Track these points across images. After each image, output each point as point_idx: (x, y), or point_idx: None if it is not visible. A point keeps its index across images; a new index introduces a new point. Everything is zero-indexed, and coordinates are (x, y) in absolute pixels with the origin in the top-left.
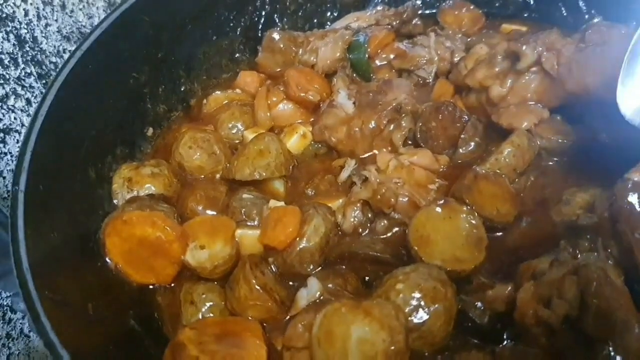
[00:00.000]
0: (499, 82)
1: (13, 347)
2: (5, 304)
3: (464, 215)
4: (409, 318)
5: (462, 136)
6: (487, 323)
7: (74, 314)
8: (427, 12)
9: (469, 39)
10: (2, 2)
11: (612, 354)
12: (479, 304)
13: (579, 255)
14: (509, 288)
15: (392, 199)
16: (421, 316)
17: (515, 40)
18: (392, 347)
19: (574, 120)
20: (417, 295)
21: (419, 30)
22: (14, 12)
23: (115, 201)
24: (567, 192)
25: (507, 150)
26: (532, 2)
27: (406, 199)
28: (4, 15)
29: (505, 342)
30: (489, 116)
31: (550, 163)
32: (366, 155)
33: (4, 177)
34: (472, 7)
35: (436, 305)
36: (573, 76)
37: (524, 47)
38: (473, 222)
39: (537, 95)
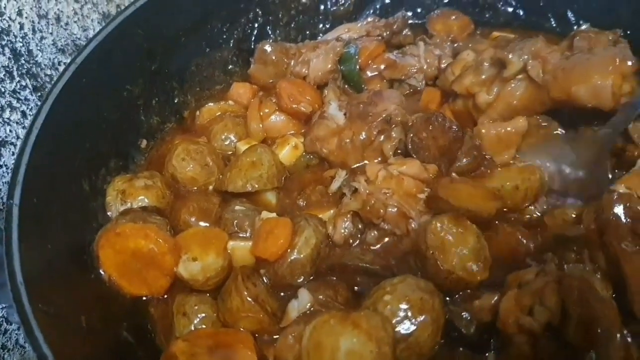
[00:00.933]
0: (485, 89)
1: (8, 358)
2: (0, 315)
3: (474, 233)
4: (396, 329)
5: (461, 150)
6: (474, 333)
7: (68, 327)
8: (417, 22)
9: (456, 45)
10: None
11: None
12: (465, 314)
13: (565, 267)
14: (495, 298)
15: (382, 210)
16: (408, 327)
17: (502, 48)
18: (380, 359)
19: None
20: (404, 306)
21: (409, 40)
22: (9, 25)
23: (109, 213)
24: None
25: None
26: (521, 13)
27: (395, 209)
28: (0, 29)
29: (492, 351)
30: (475, 122)
31: None
32: (357, 166)
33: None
34: (460, 14)
35: (423, 316)
36: (558, 83)
37: (510, 55)
38: (481, 240)
39: (523, 102)
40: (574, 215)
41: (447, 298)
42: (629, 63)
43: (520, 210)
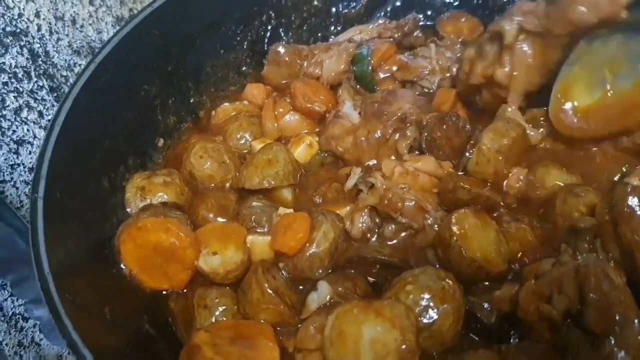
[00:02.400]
0: (498, 65)
1: (24, 355)
2: (17, 312)
3: (493, 228)
4: (419, 318)
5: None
6: (495, 323)
7: (93, 317)
8: (428, 24)
9: (458, 46)
10: (16, 17)
11: (615, 348)
12: (486, 304)
13: (579, 257)
14: (516, 288)
15: (399, 203)
16: (431, 316)
17: (495, 21)
18: (404, 346)
19: None
20: (426, 296)
21: (421, 42)
22: (27, 27)
23: (128, 209)
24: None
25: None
26: None
27: (413, 202)
28: (18, 30)
29: (513, 340)
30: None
31: None
32: (372, 163)
33: (17, 188)
34: (469, 17)
35: (445, 306)
36: (557, 20)
37: (501, 23)
38: (500, 235)
39: (540, 57)
40: (584, 207)
41: (467, 291)
42: None
43: None
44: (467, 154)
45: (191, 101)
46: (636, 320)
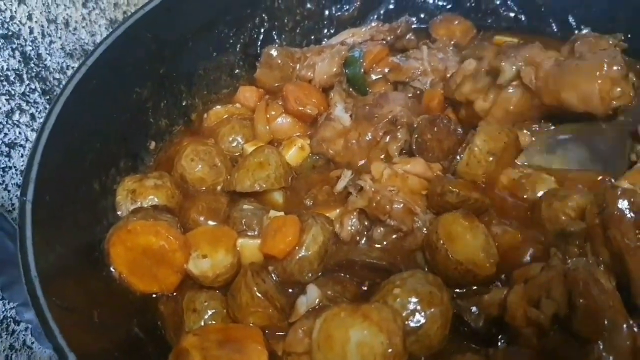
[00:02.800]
0: (482, 96)
1: (16, 359)
2: (9, 315)
3: (482, 231)
4: (407, 322)
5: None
6: (482, 327)
7: (81, 321)
8: (421, 26)
9: (463, 52)
10: (8, 20)
11: (603, 353)
12: (474, 308)
13: (569, 261)
14: (504, 292)
15: (388, 206)
16: (418, 320)
17: (499, 56)
18: (390, 350)
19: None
20: (414, 299)
21: (413, 45)
22: (19, 29)
23: (118, 212)
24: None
25: None
26: (523, 18)
27: (401, 205)
28: (10, 33)
29: (500, 345)
30: None
31: None
32: (363, 165)
33: (9, 191)
34: (462, 19)
35: (432, 309)
36: (549, 90)
37: (503, 63)
38: (489, 239)
39: (519, 108)
40: (573, 212)
41: (455, 295)
42: (617, 68)
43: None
44: (459, 157)
45: (183, 104)
46: (625, 325)
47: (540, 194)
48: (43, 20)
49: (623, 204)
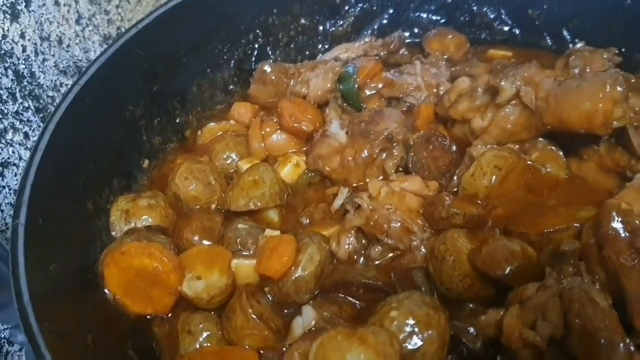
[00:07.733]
0: (479, 114)
1: None
2: (2, 336)
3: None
4: (404, 344)
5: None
6: (480, 348)
7: (75, 345)
8: (414, 41)
9: (453, 69)
10: (0, 38)
11: None
12: (471, 329)
13: (564, 281)
14: (501, 314)
15: (385, 225)
16: (415, 342)
17: (496, 74)
18: None
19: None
20: (410, 321)
21: (406, 59)
22: (12, 48)
23: (112, 233)
24: None
25: None
26: (517, 32)
27: (399, 224)
28: (3, 51)
29: None
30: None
31: None
32: (359, 183)
33: (2, 210)
34: (456, 33)
35: (430, 332)
36: (551, 110)
37: (502, 82)
38: None
39: (517, 127)
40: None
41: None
42: (619, 89)
43: None
44: (455, 177)
45: (177, 121)
46: (622, 345)
47: None
48: (36, 38)
49: (617, 224)
